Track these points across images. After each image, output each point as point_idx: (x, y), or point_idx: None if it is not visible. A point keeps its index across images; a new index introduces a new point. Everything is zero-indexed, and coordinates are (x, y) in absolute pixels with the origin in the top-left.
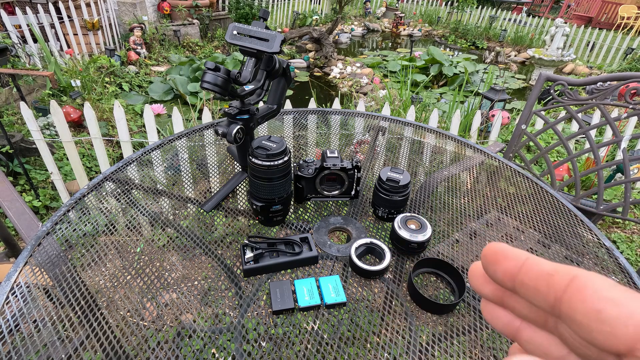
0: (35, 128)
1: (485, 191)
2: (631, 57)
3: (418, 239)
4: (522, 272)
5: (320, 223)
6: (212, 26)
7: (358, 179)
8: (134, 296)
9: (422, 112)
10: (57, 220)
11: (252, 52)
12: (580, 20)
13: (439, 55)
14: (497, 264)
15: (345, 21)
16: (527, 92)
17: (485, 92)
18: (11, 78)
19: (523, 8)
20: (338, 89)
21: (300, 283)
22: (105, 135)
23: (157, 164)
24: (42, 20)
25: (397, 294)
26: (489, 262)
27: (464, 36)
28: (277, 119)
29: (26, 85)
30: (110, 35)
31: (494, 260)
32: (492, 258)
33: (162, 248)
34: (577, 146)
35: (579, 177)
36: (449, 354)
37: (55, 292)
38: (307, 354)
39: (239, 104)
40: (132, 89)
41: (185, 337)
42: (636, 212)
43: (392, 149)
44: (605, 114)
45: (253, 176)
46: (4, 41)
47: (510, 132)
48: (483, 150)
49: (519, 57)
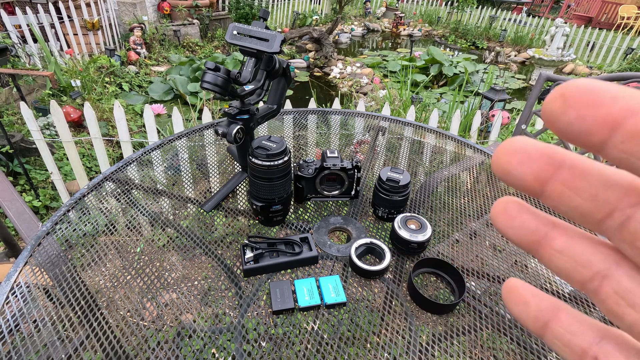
0: (35, 128)
1: (485, 191)
2: (631, 57)
3: (418, 239)
4: None
5: (320, 223)
6: (212, 26)
7: (358, 179)
8: (134, 296)
9: (422, 112)
10: (57, 220)
11: (252, 52)
12: (580, 20)
13: (439, 55)
14: (589, 107)
15: (345, 21)
16: (527, 92)
17: (485, 92)
18: (11, 78)
19: (523, 8)
20: (338, 89)
21: (300, 283)
22: (105, 135)
23: (157, 164)
24: (42, 20)
25: (397, 294)
26: (575, 103)
27: (464, 36)
28: (277, 119)
29: (26, 85)
30: (110, 35)
31: (585, 102)
32: (581, 98)
33: (162, 248)
34: None
35: None
36: (449, 354)
37: (55, 292)
38: (307, 354)
39: (239, 104)
40: (132, 89)
41: (185, 337)
42: None
43: (392, 149)
44: None
45: (253, 176)
46: (4, 41)
47: (510, 132)
48: (483, 150)
49: (519, 57)
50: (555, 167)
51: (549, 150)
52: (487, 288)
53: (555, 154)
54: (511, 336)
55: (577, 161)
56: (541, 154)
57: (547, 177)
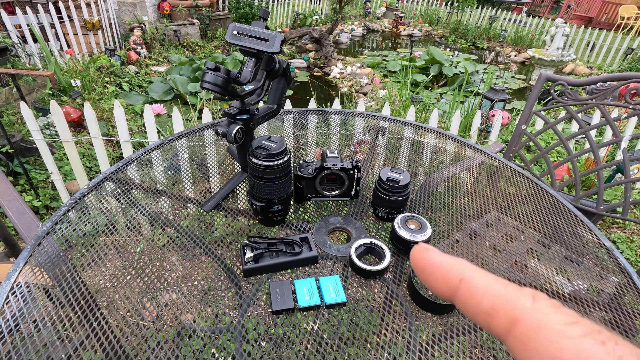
0: (35, 128)
1: (485, 191)
2: (631, 57)
3: (418, 239)
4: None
5: (320, 223)
6: (212, 26)
7: (358, 179)
8: (134, 296)
9: (422, 112)
10: (57, 220)
11: (252, 52)
12: (580, 21)
13: (439, 55)
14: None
15: (345, 21)
16: (527, 92)
17: (485, 92)
18: (11, 78)
19: (523, 8)
20: (338, 89)
21: (300, 283)
22: (105, 135)
23: (157, 164)
24: (42, 20)
25: (397, 294)
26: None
27: (464, 36)
28: (277, 119)
29: (26, 85)
30: (110, 35)
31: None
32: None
33: (162, 248)
34: (577, 146)
35: (579, 177)
36: (449, 354)
37: (55, 292)
38: (307, 354)
39: (239, 104)
40: (132, 89)
41: (185, 337)
42: (636, 212)
43: (392, 149)
44: (605, 114)
45: (253, 176)
46: (4, 41)
47: (510, 132)
48: (483, 151)
49: (519, 57)
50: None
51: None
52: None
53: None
54: None
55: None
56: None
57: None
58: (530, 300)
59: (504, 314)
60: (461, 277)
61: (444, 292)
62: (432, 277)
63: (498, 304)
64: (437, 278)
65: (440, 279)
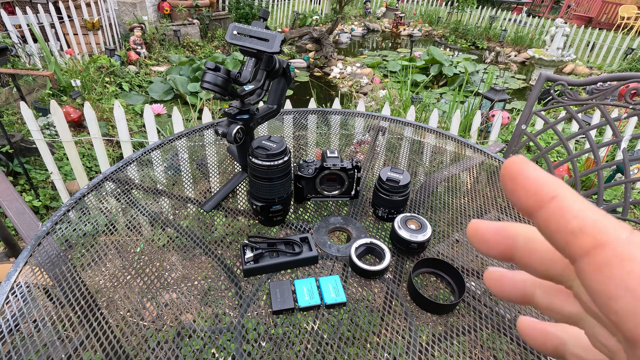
0: (35, 128)
1: (485, 191)
2: (631, 57)
3: (418, 239)
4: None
5: (320, 223)
6: (212, 26)
7: (358, 179)
8: (134, 296)
9: (422, 112)
10: (57, 220)
11: (252, 52)
12: (581, 21)
13: (439, 55)
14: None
15: (345, 21)
16: (527, 92)
17: (485, 92)
18: (11, 78)
19: (523, 8)
20: (338, 89)
21: (300, 283)
22: (105, 135)
23: (157, 164)
24: (42, 20)
25: (397, 294)
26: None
27: (464, 36)
28: (277, 119)
29: (26, 85)
30: (110, 35)
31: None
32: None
33: (162, 248)
34: (577, 146)
35: (579, 177)
36: (449, 354)
37: (55, 292)
38: (307, 354)
39: (239, 104)
40: (132, 89)
41: (185, 337)
42: (636, 212)
43: (392, 149)
44: (605, 114)
45: (253, 176)
46: (4, 41)
47: (510, 132)
48: (483, 150)
49: (519, 57)
50: (512, 241)
51: (500, 228)
52: (487, 288)
53: (505, 230)
54: (511, 336)
55: (528, 234)
56: (495, 232)
57: (510, 252)
58: (627, 233)
59: (591, 237)
60: (555, 194)
61: (529, 205)
62: (522, 186)
63: (589, 227)
64: (528, 189)
65: (531, 190)
